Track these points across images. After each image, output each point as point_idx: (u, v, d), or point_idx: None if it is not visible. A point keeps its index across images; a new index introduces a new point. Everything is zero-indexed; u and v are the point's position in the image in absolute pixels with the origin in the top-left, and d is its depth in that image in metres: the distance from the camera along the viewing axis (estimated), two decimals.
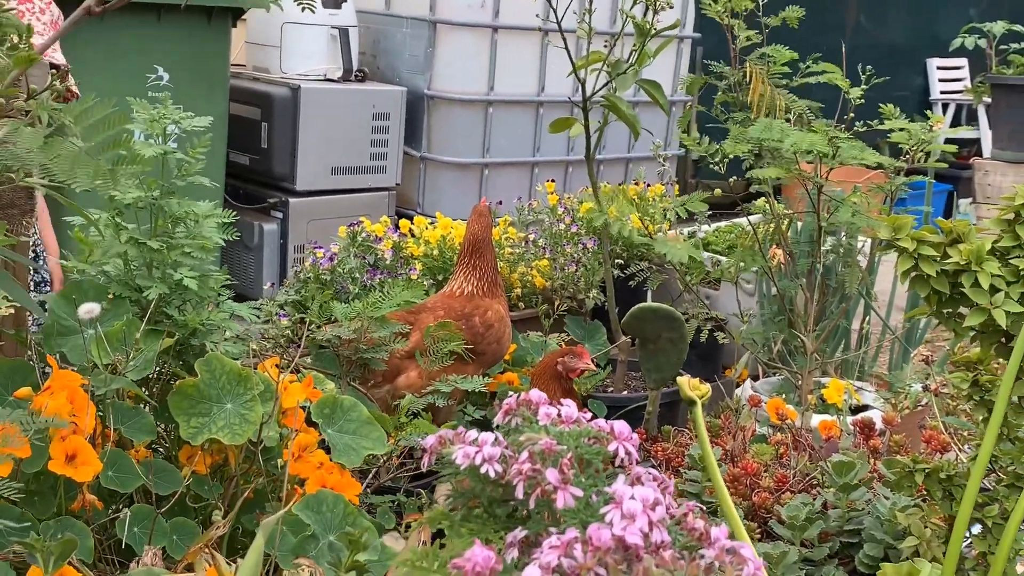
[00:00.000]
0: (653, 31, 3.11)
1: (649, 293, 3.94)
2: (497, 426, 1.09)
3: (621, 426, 1.03)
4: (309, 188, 4.84)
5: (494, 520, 1.01)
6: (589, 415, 1.08)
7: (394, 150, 5.04)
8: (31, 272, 2.68)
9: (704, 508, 2.30)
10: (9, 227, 2.05)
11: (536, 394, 1.08)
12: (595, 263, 3.72)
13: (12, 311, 1.99)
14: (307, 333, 2.60)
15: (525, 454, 0.96)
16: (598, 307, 3.70)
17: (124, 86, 4.06)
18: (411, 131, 5.17)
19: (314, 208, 4.85)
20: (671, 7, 3.09)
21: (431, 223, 3.81)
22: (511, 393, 1.11)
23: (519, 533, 0.97)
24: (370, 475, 2.39)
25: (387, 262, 3.38)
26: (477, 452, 1.00)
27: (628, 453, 1.01)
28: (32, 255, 2.73)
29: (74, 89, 2.88)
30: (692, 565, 0.91)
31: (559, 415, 1.05)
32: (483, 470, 0.99)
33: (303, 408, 2.01)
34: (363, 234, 3.41)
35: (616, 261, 3.87)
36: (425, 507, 2.40)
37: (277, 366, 2.14)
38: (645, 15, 3.12)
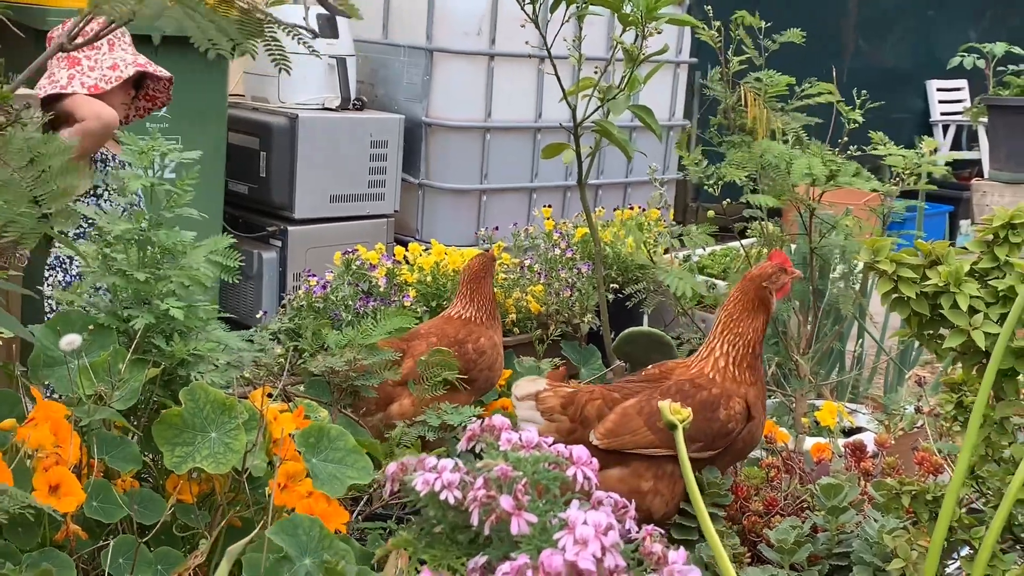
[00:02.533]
0: (642, 57, 3.13)
1: (645, 316, 3.94)
2: (461, 453, 1.10)
3: (580, 451, 1.03)
4: (308, 216, 4.86)
5: (456, 546, 1.01)
6: (551, 440, 1.08)
7: (392, 177, 5.06)
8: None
9: (686, 528, 2.30)
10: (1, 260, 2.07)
11: (499, 419, 1.09)
12: (590, 287, 3.73)
13: (1, 342, 2.00)
14: (299, 362, 2.60)
15: (480, 480, 0.96)
16: (593, 331, 3.70)
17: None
18: (409, 158, 5.19)
19: (313, 236, 4.87)
20: (660, 32, 3.11)
21: (425, 250, 3.82)
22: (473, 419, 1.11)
23: (480, 559, 0.98)
24: (362, 502, 2.39)
25: (381, 289, 3.39)
26: (436, 478, 1.00)
27: (587, 478, 1.02)
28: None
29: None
30: None
31: (520, 440, 1.06)
32: (442, 497, 0.99)
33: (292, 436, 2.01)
34: (357, 262, 3.43)
35: (611, 285, 3.88)
36: None
37: (269, 395, 2.14)
38: (635, 41, 3.14)
